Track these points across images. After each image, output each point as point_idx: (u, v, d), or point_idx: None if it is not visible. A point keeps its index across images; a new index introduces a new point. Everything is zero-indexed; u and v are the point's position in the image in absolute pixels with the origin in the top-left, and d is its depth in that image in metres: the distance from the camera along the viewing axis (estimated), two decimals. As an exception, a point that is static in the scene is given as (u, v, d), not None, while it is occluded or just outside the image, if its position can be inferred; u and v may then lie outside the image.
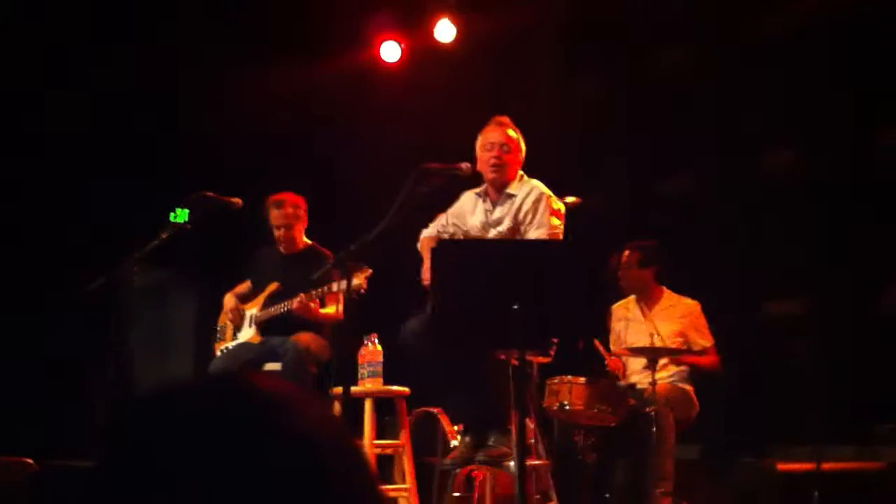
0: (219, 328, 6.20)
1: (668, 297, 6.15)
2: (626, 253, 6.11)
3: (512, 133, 4.82)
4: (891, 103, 6.44)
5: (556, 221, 4.70)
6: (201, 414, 0.87)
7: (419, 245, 5.05)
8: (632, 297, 6.24)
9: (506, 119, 4.87)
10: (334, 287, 5.31)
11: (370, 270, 4.54)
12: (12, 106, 6.99)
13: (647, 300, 6.16)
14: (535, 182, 4.80)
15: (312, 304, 5.63)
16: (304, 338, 5.64)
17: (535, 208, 4.68)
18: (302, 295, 5.58)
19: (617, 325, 6.20)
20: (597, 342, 6.06)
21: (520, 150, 4.83)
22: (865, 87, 6.53)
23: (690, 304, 6.06)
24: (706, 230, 6.92)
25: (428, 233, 5.07)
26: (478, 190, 4.94)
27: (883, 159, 6.45)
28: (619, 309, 6.23)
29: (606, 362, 5.99)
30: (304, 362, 5.56)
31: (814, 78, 6.59)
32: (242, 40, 7.59)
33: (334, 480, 0.87)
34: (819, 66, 6.58)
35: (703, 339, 5.96)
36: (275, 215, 6.02)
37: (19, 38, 6.97)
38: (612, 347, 6.16)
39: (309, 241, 6.11)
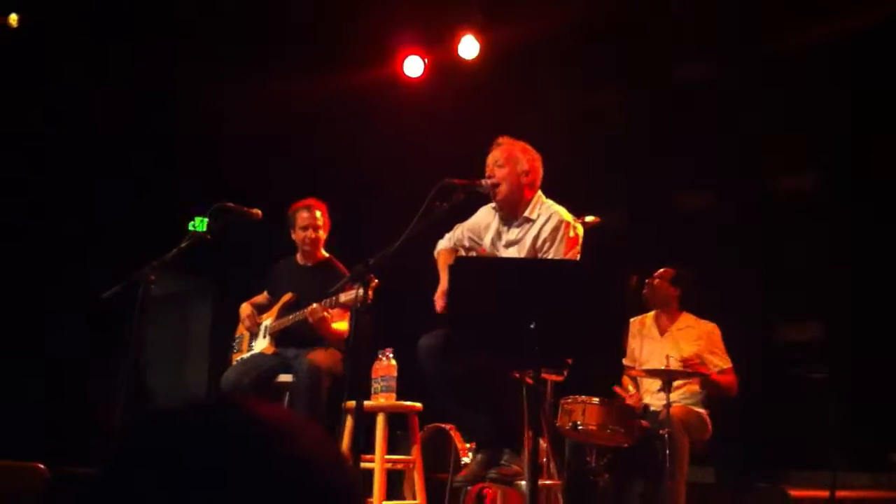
0: (236, 339, 6.22)
1: (686, 319, 6.13)
2: (663, 269, 6.13)
3: (505, 148, 4.77)
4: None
5: (574, 250, 4.67)
6: (195, 438, 0.88)
7: (436, 254, 5.05)
8: (650, 314, 6.23)
9: (502, 138, 4.82)
10: (342, 298, 5.30)
11: (377, 281, 4.54)
12: (32, 109, 7.04)
13: (666, 319, 6.15)
14: (555, 207, 4.73)
15: (326, 314, 5.63)
16: (318, 356, 5.65)
17: (553, 236, 4.63)
18: (314, 305, 5.59)
19: (632, 342, 6.18)
20: (618, 388, 6.04)
21: (515, 162, 4.73)
22: (873, 106, 6.51)
23: (709, 327, 6.04)
24: (725, 252, 6.89)
25: (444, 244, 5.06)
26: (493, 205, 4.92)
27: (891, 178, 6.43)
28: (635, 324, 6.21)
29: (627, 400, 5.95)
30: (318, 378, 5.57)
31: (825, 97, 6.57)
32: (265, 52, 7.62)
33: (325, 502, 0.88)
34: (829, 87, 6.57)
35: (721, 362, 5.93)
36: (304, 217, 6.03)
37: (43, 41, 7.02)
38: (625, 363, 6.13)
39: (327, 255, 6.12)
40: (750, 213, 7.09)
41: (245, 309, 6.17)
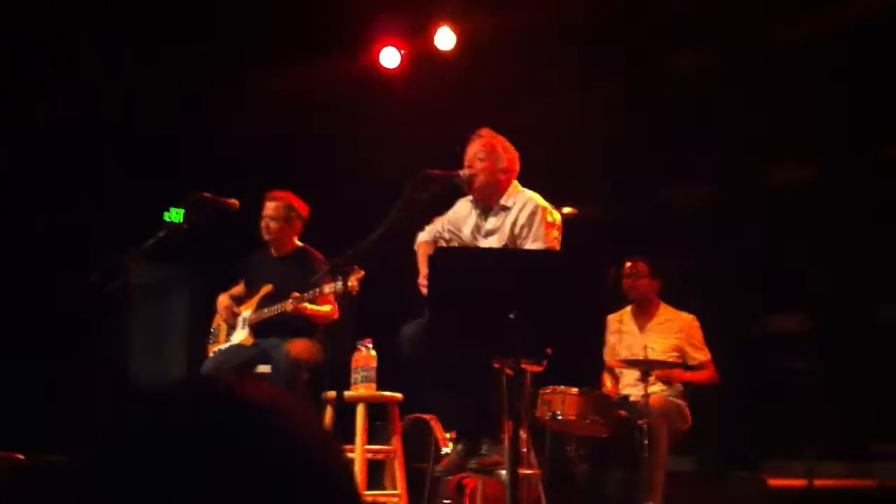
0: (213, 330, 6.18)
1: (665, 311, 6.14)
2: (635, 262, 6.11)
3: (486, 141, 4.78)
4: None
5: (552, 233, 4.67)
6: (183, 420, 0.86)
7: (416, 247, 5.05)
8: (627, 309, 6.23)
9: (483, 130, 4.83)
10: (325, 289, 5.29)
11: (362, 272, 4.53)
12: (14, 102, 6.99)
13: (645, 313, 6.15)
14: (530, 193, 4.75)
15: (301, 306, 5.61)
16: (297, 346, 5.62)
17: (530, 221, 4.64)
18: (295, 294, 5.57)
19: (611, 338, 6.18)
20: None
21: (496, 157, 4.73)
22: (872, 100, 6.53)
23: (687, 319, 6.05)
24: (707, 242, 6.91)
25: (424, 237, 5.06)
26: (471, 197, 4.93)
27: (887, 174, 6.45)
28: (612, 321, 6.20)
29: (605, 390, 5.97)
30: (296, 370, 5.54)
31: (822, 90, 6.59)
32: (243, 43, 7.59)
33: (314, 487, 0.87)
34: (827, 78, 6.59)
35: (700, 354, 5.96)
36: (266, 206, 5.99)
37: (20, 37, 6.96)
38: (605, 359, 6.15)
39: (300, 244, 6.09)
40: (739, 204, 7.09)
41: (223, 301, 6.13)
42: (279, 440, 0.86)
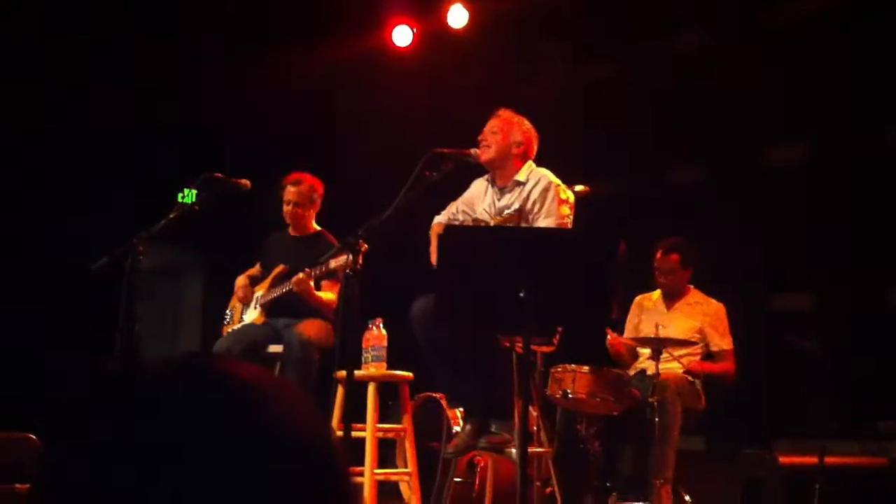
0: (228, 311, 6.21)
1: (695, 295, 6.12)
2: (666, 256, 6.06)
3: (503, 118, 4.81)
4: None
5: (564, 210, 4.69)
6: (168, 399, 0.84)
7: (431, 231, 5.05)
8: (658, 291, 6.22)
9: (502, 110, 4.87)
10: (332, 264, 5.27)
11: (366, 245, 4.52)
12: (23, 89, 7.00)
13: (675, 295, 6.13)
14: (544, 171, 4.79)
15: (311, 283, 5.61)
16: (308, 327, 5.64)
17: (543, 197, 4.67)
18: (300, 274, 5.57)
19: (635, 318, 6.21)
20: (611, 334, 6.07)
21: (510, 132, 4.79)
22: (871, 80, 6.49)
23: (715, 305, 6.04)
24: (714, 221, 6.88)
25: (439, 219, 5.09)
26: (487, 176, 4.94)
27: (889, 153, 6.41)
28: (643, 299, 6.23)
29: (609, 340, 5.95)
30: (308, 350, 5.57)
31: (820, 69, 6.55)
32: (253, 23, 7.58)
33: (301, 470, 0.85)
34: (825, 58, 6.55)
35: (722, 341, 5.93)
36: (289, 191, 6.03)
37: (29, 23, 6.97)
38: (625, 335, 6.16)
39: (318, 228, 6.12)
40: (744, 182, 7.06)
41: (240, 281, 6.19)
42: (264, 418, 0.84)
